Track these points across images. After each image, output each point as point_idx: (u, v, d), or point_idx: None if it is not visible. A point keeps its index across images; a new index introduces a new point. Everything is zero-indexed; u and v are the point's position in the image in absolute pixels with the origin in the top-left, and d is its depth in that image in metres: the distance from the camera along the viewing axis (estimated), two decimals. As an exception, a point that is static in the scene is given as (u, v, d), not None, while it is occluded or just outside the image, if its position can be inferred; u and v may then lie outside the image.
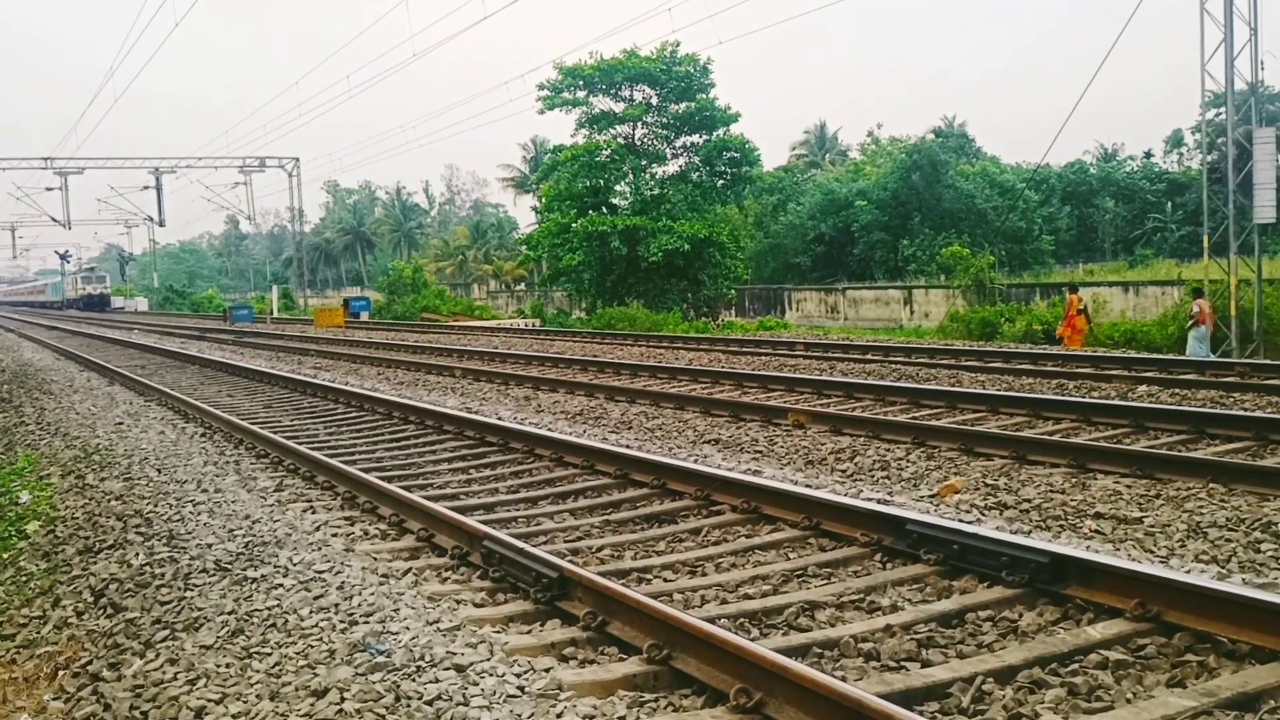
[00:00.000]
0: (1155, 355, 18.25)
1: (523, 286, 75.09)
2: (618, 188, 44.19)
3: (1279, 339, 22.68)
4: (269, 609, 5.18)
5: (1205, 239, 23.06)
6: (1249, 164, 21.83)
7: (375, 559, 6.13)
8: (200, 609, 5.30)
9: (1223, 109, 24.54)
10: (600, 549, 6.28)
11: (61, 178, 56.05)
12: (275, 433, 11.22)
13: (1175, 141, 71.74)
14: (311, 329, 40.50)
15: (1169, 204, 61.24)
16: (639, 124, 43.62)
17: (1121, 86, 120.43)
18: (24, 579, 6.76)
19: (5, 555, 7.54)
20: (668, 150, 44.27)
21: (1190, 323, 21.77)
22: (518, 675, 4.16)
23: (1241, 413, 10.15)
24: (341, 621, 4.89)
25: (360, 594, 5.30)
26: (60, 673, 4.98)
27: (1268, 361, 16.77)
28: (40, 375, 21.49)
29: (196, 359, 23.75)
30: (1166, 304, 31.06)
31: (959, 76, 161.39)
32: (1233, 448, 8.64)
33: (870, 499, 7.10)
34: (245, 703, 4.14)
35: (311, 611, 5.08)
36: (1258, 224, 22.14)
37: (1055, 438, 9.14)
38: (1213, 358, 18.79)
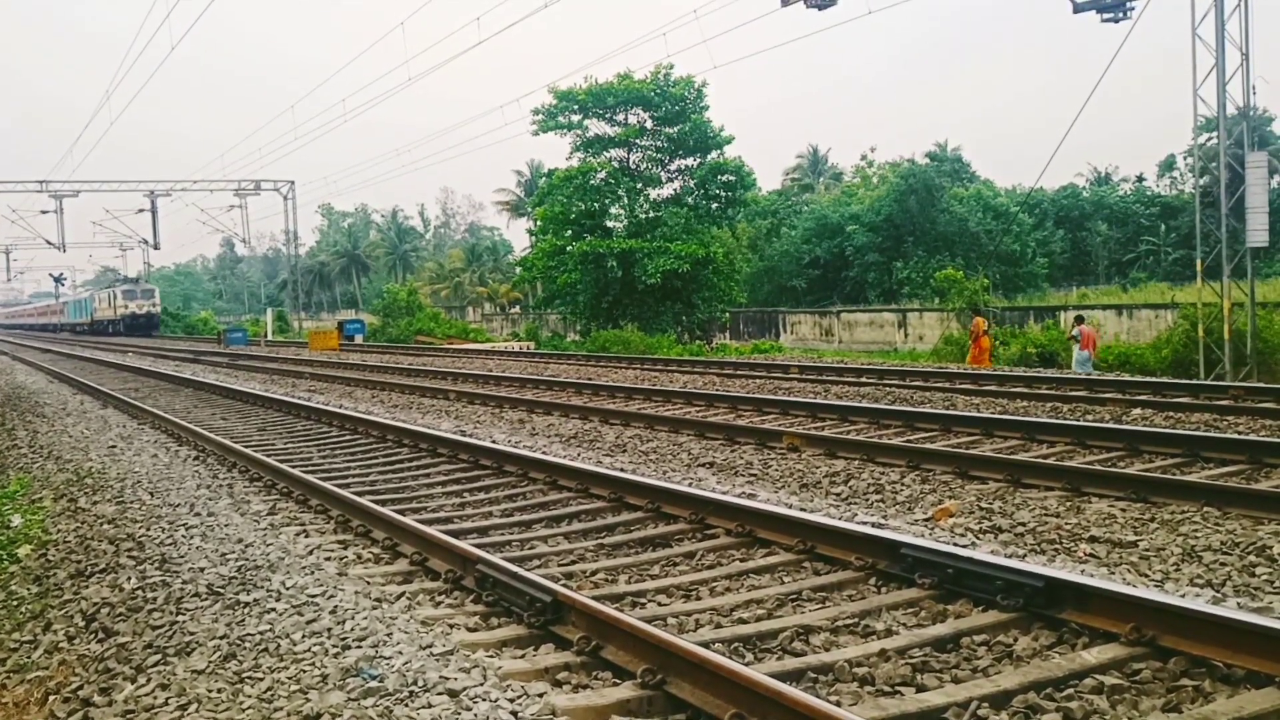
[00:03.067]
0: (1149, 378, 18.30)
1: (517, 309, 75.16)
2: (613, 210, 44.35)
3: (1272, 362, 22.73)
4: (261, 633, 5.15)
5: (1198, 262, 23.14)
6: (1241, 188, 21.93)
7: (368, 583, 6.11)
8: (192, 633, 5.27)
9: (1215, 133, 24.67)
10: (594, 573, 6.26)
11: (56, 201, 56.22)
12: (269, 456, 11.19)
13: (1168, 166, 72.16)
14: (306, 352, 40.46)
15: (1162, 227, 61.54)
16: (633, 147, 43.80)
17: (1114, 111, 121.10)
18: (15, 603, 6.72)
19: (-4, 579, 7.50)
20: (662, 173, 44.45)
21: (1075, 345, 23.96)
22: (511, 700, 4.14)
23: (1236, 436, 10.17)
24: (334, 646, 4.87)
25: (353, 618, 5.27)
26: (51, 698, 4.95)
27: (1261, 385, 16.80)
28: (34, 398, 21.44)
29: (190, 382, 23.70)
30: (1160, 327, 31.16)
31: (953, 100, 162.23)
32: (1227, 471, 8.64)
33: (865, 522, 7.09)
34: (237, 728, 4.11)
35: (304, 636, 5.05)
36: (1250, 247, 22.23)
37: (1050, 461, 9.14)
38: (1093, 375, 19.92)
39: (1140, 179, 72.94)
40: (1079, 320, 25.70)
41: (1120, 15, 22.87)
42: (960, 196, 58.68)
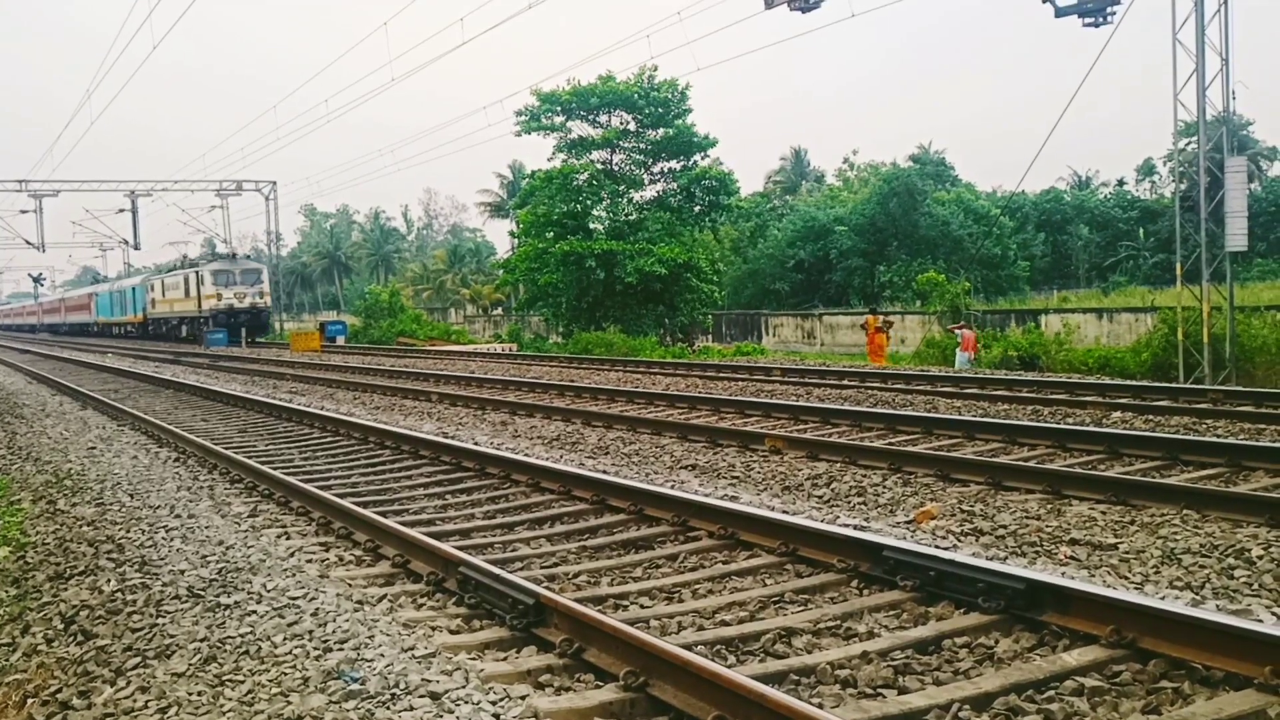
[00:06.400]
0: (1129, 382, 18.40)
1: (500, 311, 75.01)
2: (595, 212, 44.31)
3: (1251, 365, 22.88)
4: (242, 636, 5.13)
5: (1178, 266, 23.26)
6: (1221, 192, 22.08)
7: (350, 585, 6.09)
8: (172, 636, 5.24)
9: (1195, 138, 24.84)
10: (577, 575, 6.25)
11: (36, 200, 55.75)
12: (250, 458, 11.15)
13: (1147, 170, 72.60)
14: (287, 353, 40.28)
15: (1142, 231, 61.92)
16: (616, 149, 43.79)
17: (1096, 116, 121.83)
18: (-7, 606, 6.67)
19: (-26, 582, 7.44)
20: (645, 175, 44.43)
21: (957, 347, 26.41)
22: (493, 703, 4.13)
23: (1214, 439, 10.22)
24: (315, 648, 4.85)
25: (334, 621, 5.25)
26: (29, 701, 4.91)
27: (1240, 388, 16.91)
28: (12, 399, 21.29)
29: (171, 383, 23.57)
30: (1140, 331, 31.30)
31: (936, 103, 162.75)
32: (1206, 474, 8.69)
33: (847, 525, 7.11)
34: (217, 732, 4.09)
35: (285, 638, 5.03)
36: (1229, 251, 22.37)
37: (1031, 464, 9.17)
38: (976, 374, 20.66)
39: (1121, 183, 73.46)
40: (963, 324, 28.68)
41: (1101, 20, 22.96)
42: (942, 200, 58.89)
